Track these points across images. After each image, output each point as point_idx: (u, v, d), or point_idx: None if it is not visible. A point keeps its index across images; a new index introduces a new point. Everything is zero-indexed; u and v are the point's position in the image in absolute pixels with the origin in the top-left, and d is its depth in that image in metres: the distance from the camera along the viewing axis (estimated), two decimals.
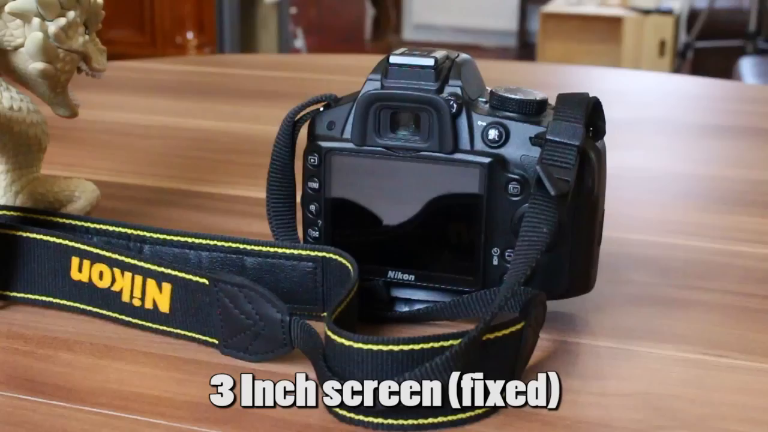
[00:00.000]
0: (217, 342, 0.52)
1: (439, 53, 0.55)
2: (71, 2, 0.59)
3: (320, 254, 0.55)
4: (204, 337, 0.53)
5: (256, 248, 0.56)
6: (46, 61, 0.59)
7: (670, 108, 1.19)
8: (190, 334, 0.53)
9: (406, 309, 0.57)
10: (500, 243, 0.54)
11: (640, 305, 0.60)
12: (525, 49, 5.72)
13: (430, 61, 0.53)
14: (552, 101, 0.55)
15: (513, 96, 0.54)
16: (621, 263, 0.66)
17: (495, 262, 0.55)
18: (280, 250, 0.56)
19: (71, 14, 0.59)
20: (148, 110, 1.09)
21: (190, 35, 3.19)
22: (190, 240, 0.57)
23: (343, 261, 0.54)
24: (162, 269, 0.53)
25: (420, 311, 0.56)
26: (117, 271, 0.54)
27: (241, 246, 0.56)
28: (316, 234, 0.57)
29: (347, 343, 0.45)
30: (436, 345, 0.45)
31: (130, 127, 1.01)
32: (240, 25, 3.41)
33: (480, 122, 0.53)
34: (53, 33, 0.58)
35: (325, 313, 0.55)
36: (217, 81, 1.29)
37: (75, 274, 0.56)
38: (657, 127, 1.07)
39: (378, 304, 0.56)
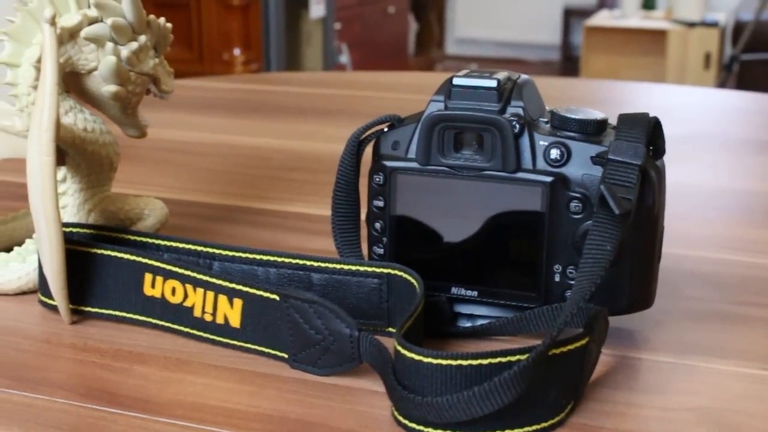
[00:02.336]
0: (286, 356, 0.54)
1: (501, 74, 0.56)
2: (142, 27, 0.61)
3: (385, 271, 0.56)
4: (274, 351, 0.54)
5: (323, 265, 0.57)
6: (118, 84, 0.61)
7: (716, 123, 1.20)
8: (260, 348, 0.55)
9: (468, 324, 0.58)
10: (562, 260, 0.55)
11: (698, 321, 0.61)
12: (568, 63, 5.71)
13: (493, 83, 0.55)
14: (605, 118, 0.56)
15: (574, 116, 0.55)
16: (677, 279, 0.66)
17: (557, 279, 0.56)
18: (346, 267, 0.57)
19: (142, 38, 0.61)
20: (204, 128, 1.11)
21: (236, 52, 3.23)
22: (258, 257, 0.59)
23: (409, 277, 0.55)
24: (233, 285, 0.55)
25: (482, 326, 0.57)
26: (189, 287, 0.56)
27: (308, 263, 0.58)
28: (381, 251, 0.59)
29: (417, 357, 0.47)
30: (503, 360, 0.46)
31: (187, 145, 1.03)
32: (285, 41, 3.44)
33: (542, 142, 0.55)
34: (126, 57, 0.60)
35: (389, 328, 0.57)
36: (268, 99, 1.32)
37: (148, 290, 0.58)
38: (705, 142, 1.08)
39: (441, 320, 0.58)
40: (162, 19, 0.63)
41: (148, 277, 0.58)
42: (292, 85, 1.44)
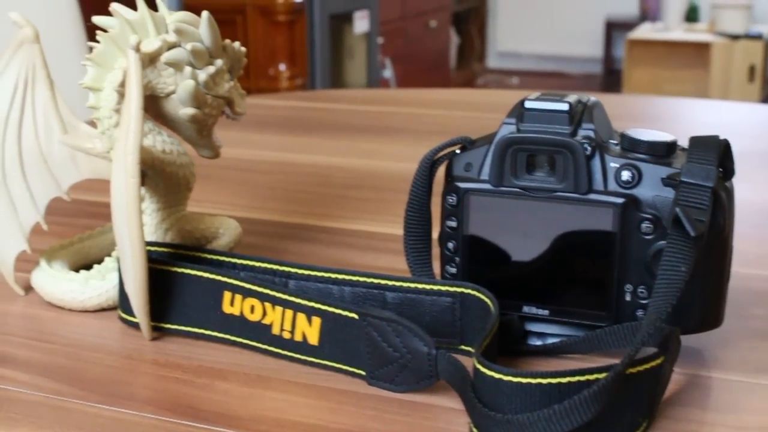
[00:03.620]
0: (363, 373, 0.55)
1: (572, 97, 0.57)
2: (218, 51, 0.63)
3: (459, 290, 0.57)
4: (351, 369, 0.56)
5: (398, 283, 0.59)
6: (195, 107, 0.62)
7: (766, 140, 1.20)
8: (337, 365, 0.56)
9: (538, 343, 0.59)
10: (633, 279, 0.56)
11: (765, 340, 0.61)
12: (610, 76, 5.70)
13: (565, 106, 0.56)
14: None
15: (644, 138, 0.56)
16: (742, 298, 0.67)
17: (627, 298, 0.57)
18: (420, 286, 0.58)
19: (219, 62, 0.63)
20: (262, 146, 1.13)
21: (282, 67, 3.26)
22: (333, 275, 0.61)
23: (483, 297, 0.56)
24: (312, 304, 0.56)
25: (553, 345, 0.58)
26: (268, 305, 0.58)
27: (383, 281, 0.59)
28: (453, 270, 0.60)
29: (497, 375, 0.48)
30: (582, 378, 0.47)
31: (248, 163, 1.05)
32: (330, 56, 3.47)
33: (613, 164, 0.56)
34: (203, 80, 0.62)
35: (461, 346, 0.58)
36: (322, 116, 1.34)
37: (227, 308, 0.59)
38: (758, 160, 1.08)
39: (512, 338, 0.59)
40: (237, 43, 0.65)
41: (227, 295, 0.59)
42: (345, 103, 1.46)
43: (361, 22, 3.69)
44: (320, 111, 1.38)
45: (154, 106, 0.64)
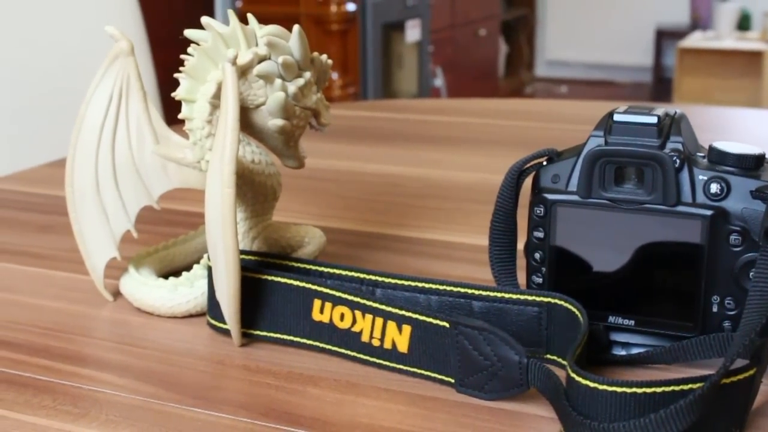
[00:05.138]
0: (452, 380, 0.56)
1: (660, 110, 0.58)
2: (307, 64, 0.64)
3: (546, 300, 0.58)
4: (440, 376, 0.57)
5: (484, 293, 0.60)
6: (284, 118, 0.64)
7: None
8: (426, 372, 0.57)
9: (623, 352, 0.60)
10: (720, 291, 0.57)
11: None
12: (660, 85, 5.67)
13: (653, 119, 0.57)
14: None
15: (732, 151, 0.57)
16: None
17: (714, 309, 0.57)
18: (506, 296, 0.59)
19: (307, 74, 0.64)
20: (331, 155, 1.14)
21: (334, 76, 3.28)
22: (420, 284, 0.62)
23: (571, 307, 0.57)
24: (402, 312, 0.57)
25: (639, 355, 0.59)
26: (358, 313, 0.59)
27: (470, 291, 0.60)
28: (539, 280, 0.61)
29: (592, 385, 0.49)
30: (677, 388, 0.48)
31: (319, 172, 1.06)
32: (382, 65, 3.49)
33: (701, 176, 0.56)
34: (292, 93, 0.63)
35: (547, 355, 0.59)
36: (387, 126, 1.35)
37: (317, 315, 0.61)
38: None
39: (597, 347, 0.60)
40: (324, 56, 0.66)
41: (317, 302, 0.60)
42: (406, 113, 1.47)
43: (412, 31, 3.71)
44: (379, 120, 1.39)
45: (243, 117, 0.65)
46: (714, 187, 0.56)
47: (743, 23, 5.18)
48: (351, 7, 3.31)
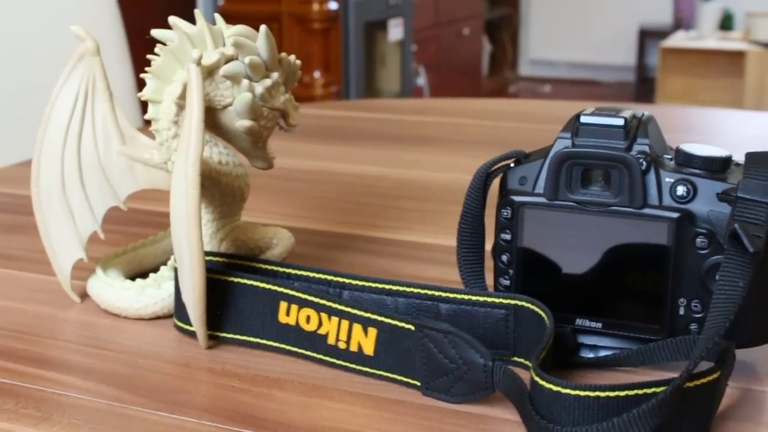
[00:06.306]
0: (418, 383, 0.56)
1: (627, 113, 0.58)
2: (274, 64, 0.64)
3: (513, 302, 0.58)
4: (406, 379, 0.57)
5: (452, 295, 0.59)
6: (252, 119, 0.63)
7: None
8: (392, 375, 0.57)
9: (591, 355, 0.60)
10: (687, 294, 0.57)
11: None
12: (643, 84, 5.68)
13: (620, 121, 0.56)
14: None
15: (698, 153, 0.57)
16: None
17: (681, 312, 0.57)
18: (473, 298, 0.59)
19: (275, 75, 0.64)
20: (305, 155, 1.14)
21: (316, 74, 3.27)
22: (387, 287, 0.61)
23: (537, 309, 0.57)
24: (368, 315, 0.57)
25: (606, 357, 0.59)
26: (324, 315, 0.59)
27: (437, 293, 0.60)
28: (507, 282, 0.60)
29: (555, 388, 0.49)
30: (640, 392, 0.48)
31: (292, 172, 1.06)
32: (364, 64, 3.49)
33: (668, 179, 0.56)
34: (259, 93, 0.63)
35: (514, 357, 0.59)
36: (363, 126, 1.34)
37: (283, 318, 0.60)
38: None
39: (564, 350, 0.59)
40: (292, 57, 0.66)
41: (283, 305, 0.60)
42: (385, 112, 1.47)
43: (395, 30, 3.70)
44: (360, 120, 1.39)
45: (210, 118, 0.65)
46: (680, 190, 0.56)
47: (726, 23, 5.20)
48: (333, 5, 3.31)
